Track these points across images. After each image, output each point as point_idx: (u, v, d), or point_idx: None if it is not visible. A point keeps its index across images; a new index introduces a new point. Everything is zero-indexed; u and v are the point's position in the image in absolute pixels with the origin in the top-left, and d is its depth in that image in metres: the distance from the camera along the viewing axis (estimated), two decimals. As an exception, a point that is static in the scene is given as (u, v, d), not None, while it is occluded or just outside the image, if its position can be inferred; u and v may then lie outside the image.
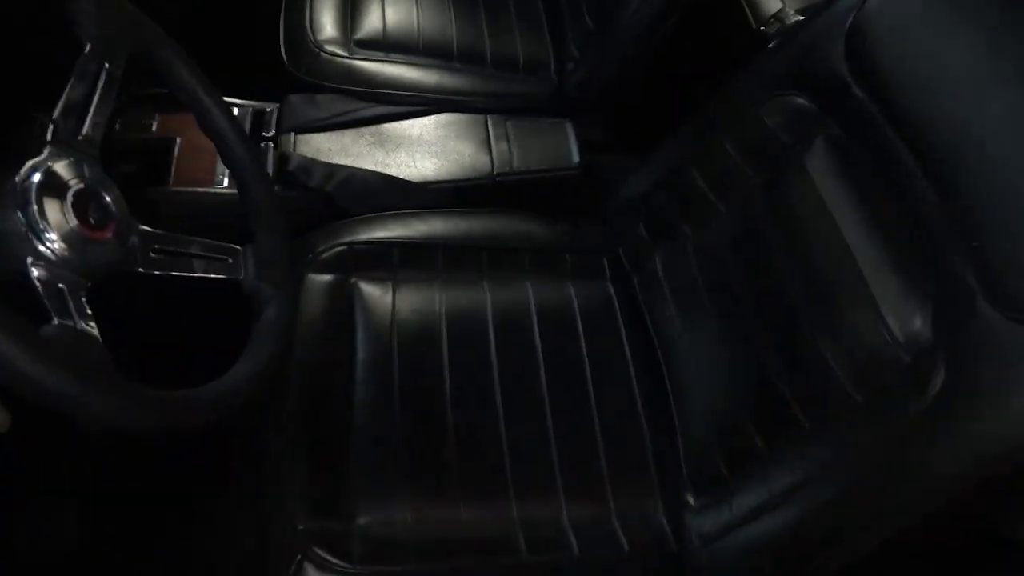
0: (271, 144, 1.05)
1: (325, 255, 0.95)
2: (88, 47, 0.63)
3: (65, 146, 0.60)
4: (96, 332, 0.54)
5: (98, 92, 0.63)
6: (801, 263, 0.76)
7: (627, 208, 1.03)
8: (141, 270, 0.63)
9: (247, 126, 1.07)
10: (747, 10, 1.09)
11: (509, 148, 1.11)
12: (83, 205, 0.58)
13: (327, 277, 0.94)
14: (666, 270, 0.97)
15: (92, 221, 0.59)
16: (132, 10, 0.69)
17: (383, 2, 1.23)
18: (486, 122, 1.14)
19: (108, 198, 0.61)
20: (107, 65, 0.64)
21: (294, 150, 1.06)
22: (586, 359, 0.94)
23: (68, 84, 0.61)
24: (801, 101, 0.80)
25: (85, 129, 0.62)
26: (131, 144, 1.00)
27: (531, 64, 1.23)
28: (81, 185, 0.59)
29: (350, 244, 0.96)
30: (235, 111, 1.11)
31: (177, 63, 0.71)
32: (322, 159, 1.05)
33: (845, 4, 0.75)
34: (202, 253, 0.69)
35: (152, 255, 0.65)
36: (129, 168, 0.96)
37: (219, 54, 0.88)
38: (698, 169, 0.92)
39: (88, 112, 0.62)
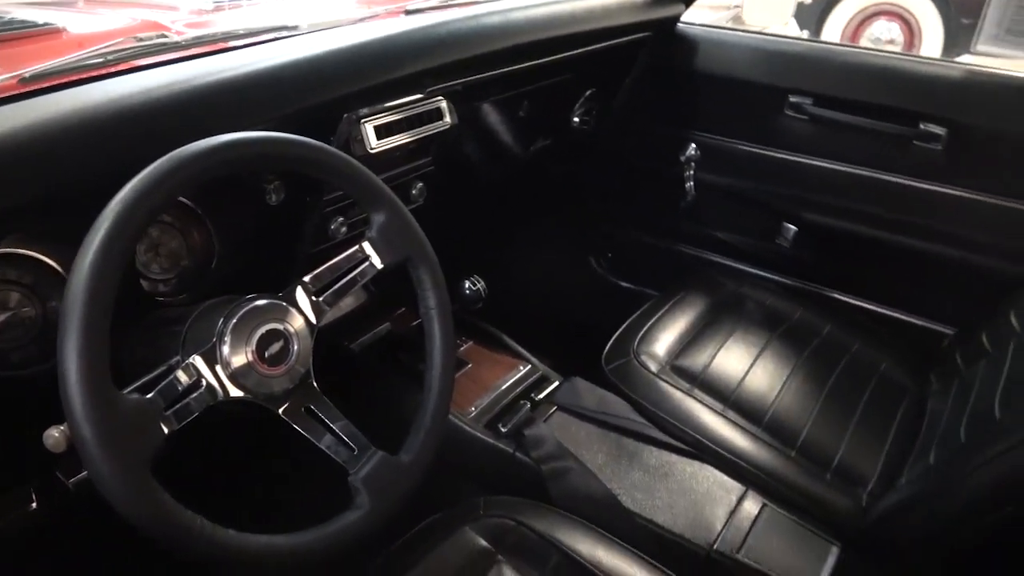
0: (528, 404, 1.10)
1: (494, 520, 0.92)
2: (374, 263, 0.76)
3: (305, 293, 0.73)
4: None
5: (355, 277, 0.76)
6: None
7: None
8: (281, 413, 0.71)
9: (527, 383, 1.14)
10: None
11: (747, 534, 0.94)
12: (268, 341, 0.69)
13: (480, 540, 0.90)
14: None
15: (266, 356, 0.69)
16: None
17: (721, 345, 1.23)
18: (743, 495, 1.00)
19: (295, 347, 0.72)
20: (379, 269, 0.78)
21: (545, 422, 1.08)
22: None
23: (336, 259, 0.76)
24: None
25: (329, 298, 0.75)
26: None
27: (845, 472, 1.05)
28: (279, 327, 0.70)
29: (520, 524, 0.92)
30: (525, 366, 1.21)
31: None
32: (562, 441, 1.05)
33: None
34: (340, 434, 0.73)
35: (302, 408, 0.72)
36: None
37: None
38: None
39: (336, 288, 0.75)
